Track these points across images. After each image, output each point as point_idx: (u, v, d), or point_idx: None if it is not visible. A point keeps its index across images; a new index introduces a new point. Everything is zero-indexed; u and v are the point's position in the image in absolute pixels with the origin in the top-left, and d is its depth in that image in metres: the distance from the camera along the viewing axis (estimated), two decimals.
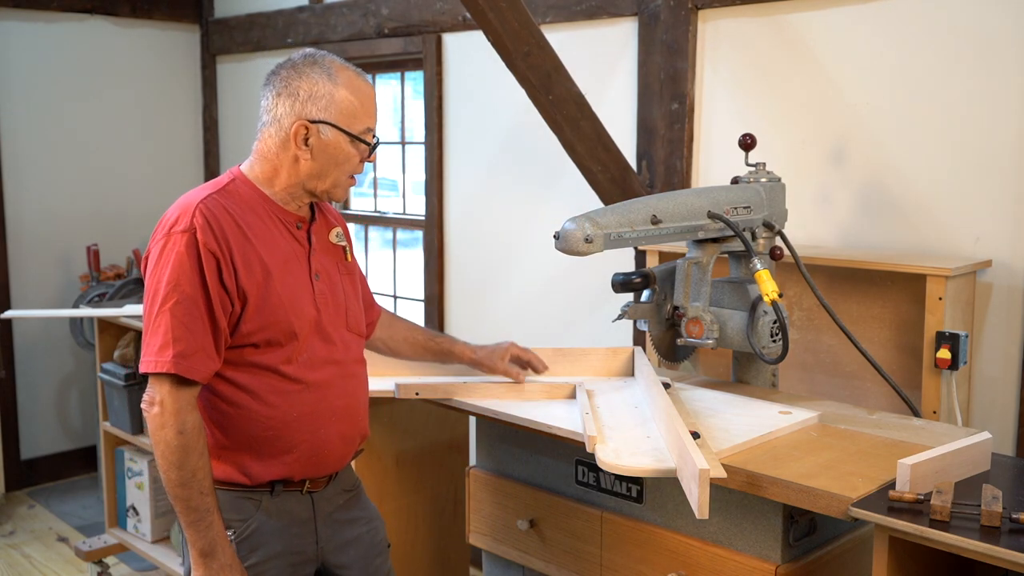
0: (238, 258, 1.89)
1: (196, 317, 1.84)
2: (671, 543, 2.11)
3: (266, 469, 1.97)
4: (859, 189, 2.86)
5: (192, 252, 1.85)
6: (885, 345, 2.66)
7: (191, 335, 1.84)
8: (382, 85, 4.64)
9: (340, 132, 1.95)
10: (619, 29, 3.41)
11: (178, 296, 1.83)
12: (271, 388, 1.95)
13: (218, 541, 1.87)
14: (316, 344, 2.00)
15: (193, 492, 1.84)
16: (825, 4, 2.89)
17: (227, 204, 1.92)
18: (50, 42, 4.99)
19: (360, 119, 1.98)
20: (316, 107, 1.94)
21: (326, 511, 2.08)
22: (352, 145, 1.97)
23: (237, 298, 1.89)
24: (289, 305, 1.95)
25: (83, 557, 3.88)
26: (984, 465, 1.91)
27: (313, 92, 1.94)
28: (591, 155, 3.03)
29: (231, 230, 1.89)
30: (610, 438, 2.00)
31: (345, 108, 1.95)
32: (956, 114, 2.66)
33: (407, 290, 4.55)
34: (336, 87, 1.95)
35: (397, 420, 2.77)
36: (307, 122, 1.94)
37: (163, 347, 1.83)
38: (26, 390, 5.04)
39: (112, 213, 5.21)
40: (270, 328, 1.93)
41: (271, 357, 1.94)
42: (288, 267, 1.97)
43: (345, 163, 1.98)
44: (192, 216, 1.87)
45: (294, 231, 2.01)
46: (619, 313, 2.42)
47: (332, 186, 2.00)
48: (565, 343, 3.54)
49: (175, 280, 1.84)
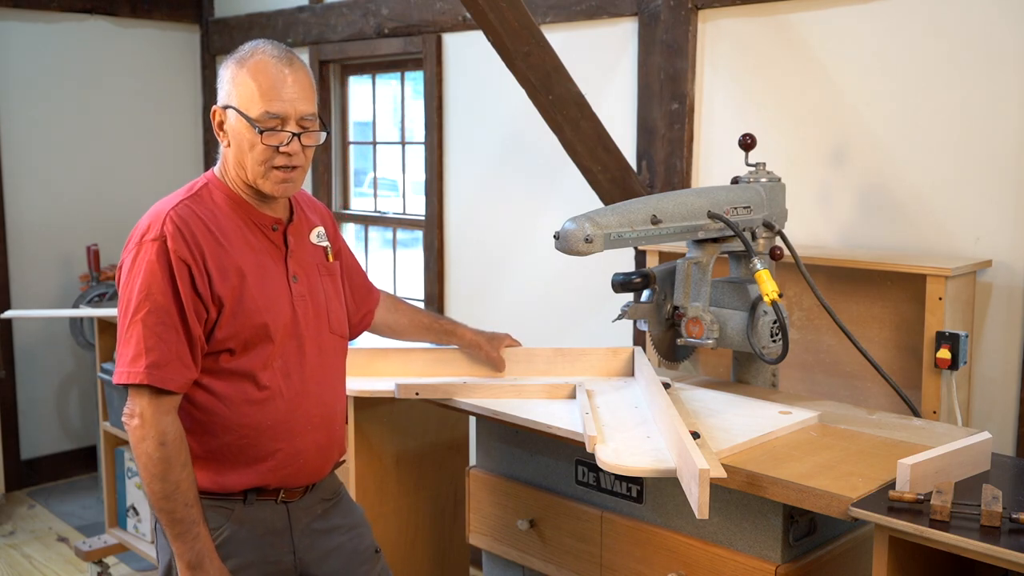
0: (212, 264, 1.86)
1: (169, 326, 1.82)
2: (671, 543, 2.11)
3: (239, 478, 1.93)
4: (859, 189, 2.86)
5: (163, 260, 1.82)
6: (885, 345, 2.66)
7: (164, 345, 1.81)
8: (382, 85, 4.64)
9: (240, 116, 1.90)
10: (619, 29, 3.41)
11: (150, 305, 1.81)
12: (245, 396, 1.92)
13: (205, 553, 1.85)
14: (292, 350, 1.97)
15: (178, 504, 1.82)
16: (825, 4, 2.89)
17: (198, 210, 1.90)
18: (50, 42, 4.99)
19: (257, 103, 1.88)
20: (224, 92, 1.94)
21: (304, 521, 2.04)
22: (251, 130, 1.89)
23: (212, 304, 1.86)
24: (265, 308, 1.92)
25: (83, 557, 3.88)
26: (984, 465, 1.91)
27: (223, 78, 1.95)
28: (591, 155, 3.03)
29: (203, 236, 1.87)
30: (610, 438, 2.00)
31: (243, 92, 1.90)
32: (956, 114, 2.66)
33: (407, 290, 4.55)
34: (240, 71, 1.91)
35: (397, 420, 2.77)
36: (218, 108, 1.95)
37: (135, 358, 1.81)
38: (26, 390, 5.04)
39: (112, 213, 5.21)
40: (245, 332, 1.90)
41: (246, 363, 1.91)
42: (263, 270, 1.94)
43: (251, 149, 1.90)
44: (163, 224, 1.85)
45: (269, 233, 1.98)
46: (619, 313, 2.42)
47: (254, 176, 1.92)
48: (565, 343, 3.53)
49: (146, 289, 1.82)
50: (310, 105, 1.94)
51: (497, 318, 3.92)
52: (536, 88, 2.86)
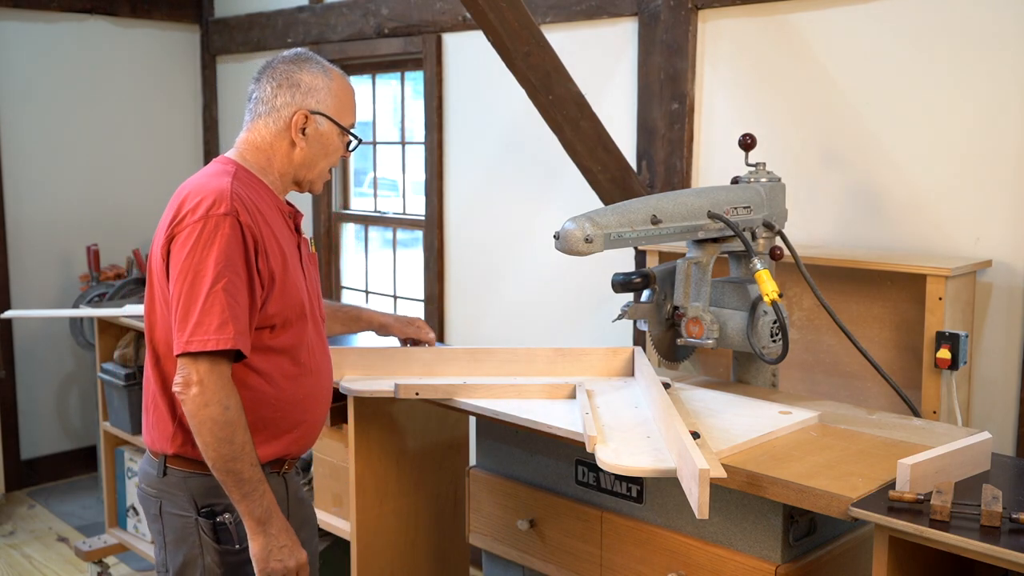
0: (267, 241, 1.97)
1: (242, 298, 1.91)
2: (671, 543, 2.11)
3: (267, 450, 2.04)
4: (859, 189, 2.86)
5: (238, 234, 1.91)
6: (885, 345, 2.66)
7: (244, 314, 1.91)
8: (382, 85, 4.64)
9: (333, 124, 2.09)
10: (619, 29, 3.41)
11: (230, 276, 1.88)
12: (283, 372, 2.03)
13: (272, 508, 1.94)
14: (311, 329, 2.11)
15: (245, 465, 1.89)
16: (825, 4, 2.89)
17: (245, 191, 1.98)
18: (50, 42, 4.99)
19: (349, 114, 2.13)
20: (315, 99, 2.07)
21: (294, 489, 2.18)
22: (340, 138, 2.11)
23: (268, 280, 1.97)
24: (300, 287, 2.06)
25: (83, 557, 3.89)
26: (984, 465, 1.91)
27: (313, 85, 2.07)
28: (591, 155, 3.03)
29: (255, 215, 1.96)
30: (610, 438, 2.00)
31: (338, 102, 2.09)
32: (956, 114, 2.66)
33: (407, 290, 4.55)
34: (331, 82, 2.09)
35: (397, 420, 2.78)
36: (307, 112, 2.06)
37: (222, 325, 1.86)
38: (26, 390, 5.04)
39: (112, 213, 5.21)
40: (288, 310, 2.02)
41: (285, 340, 2.03)
42: (292, 253, 2.08)
43: (333, 154, 2.12)
44: (231, 199, 1.92)
45: (287, 220, 2.12)
46: (619, 313, 2.42)
47: (317, 176, 2.13)
48: (565, 343, 3.54)
49: (225, 260, 1.88)
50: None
51: (497, 318, 3.93)
52: (536, 88, 2.85)
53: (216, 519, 2.01)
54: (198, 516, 2.01)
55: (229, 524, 2.00)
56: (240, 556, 2.01)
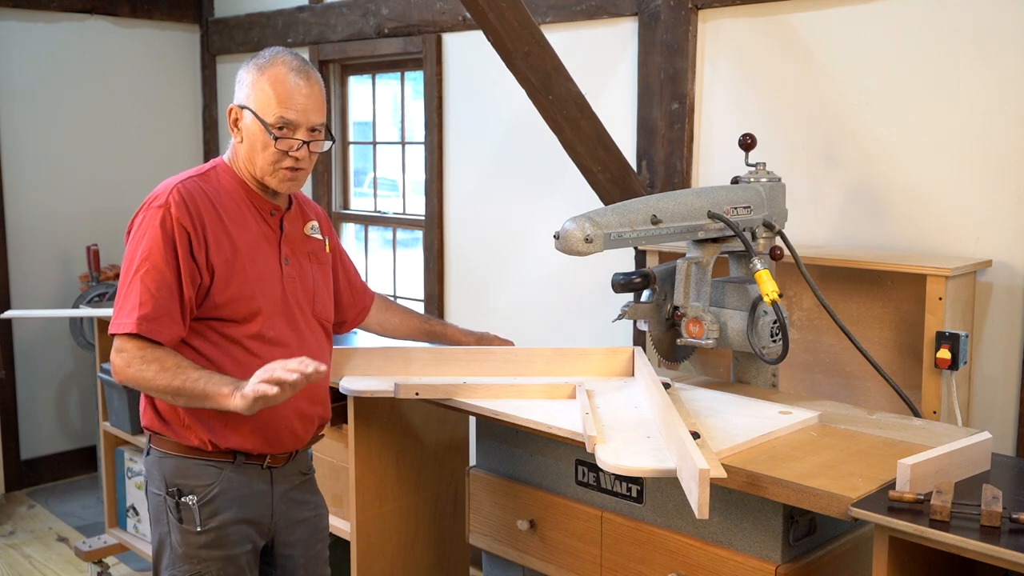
0: (210, 234, 2.05)
1: (163, 285, 2.00)
2: (671, 543, 2.11)
3: (225, 438, 2.10)
4: (859, 189, 2.86)
5: (166, 226, 2.02)
6: (885, 345, 2.66)
7: (157, 301, 2.00)
8: (382, 85, 4.64)
9: (256, 118, 2.10)
10: (619, 29, 3.41)
11: (148, 265, 2.01)
12: (234, 361, 2.08)
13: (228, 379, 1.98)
14: (281, 325, 2.15)
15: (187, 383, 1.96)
16: (825, 4, 2.89)
17: (205, 187, 2.11)
18: (50, 42, 4.99)
19: (273, 109, 2.08)
20: (244, 93, 2.13)
21: (283, 487, 2.23)
22: (264, 133, 2.09)
23: (206, 270, 2.05)
24: (255, 281, 2.11)
25: (83, 557, 3.88)
26: (984, 465, 1.91)
27: (243, 80, 2.14)
28: (591, 155, 3.03)
29: (205, 209, 2.07)
30: (610, 438, 2.00)
31: (261, 97, 2.09)
32: (956, 114, 2.66)
33: (407, 290, 4.55)
34: (260, 77, 2.10)
35: (397, 420, 2.77)
36: (235, 106, 2.14)
37: (131, 310, 2.00)
38: (26, 390, 5.04)
39: (112, 213, 5.21)
40: (237, 302, 2.08)
41: (236, 331, 2.09)
42: (258, 248, 2.14)
43: (264, 149, 2.10)
44: (169, 194, 2.05)
45: (267, 217, 2.18)
46: (619, 313, 2.42)
47: (262, 172, 2.13)
48: (565, 343, 3.54)
49: (148, 251, 2.02)
50: (321, 116, 2.14)
51: (497, 318, 3.92)
52: (536, 88, 2.85)
53: (180, 499, 2.10)
54: (166, 495, 2.11)
55: (192, 505, 2.09)
56: (200, 538, 2.10)
